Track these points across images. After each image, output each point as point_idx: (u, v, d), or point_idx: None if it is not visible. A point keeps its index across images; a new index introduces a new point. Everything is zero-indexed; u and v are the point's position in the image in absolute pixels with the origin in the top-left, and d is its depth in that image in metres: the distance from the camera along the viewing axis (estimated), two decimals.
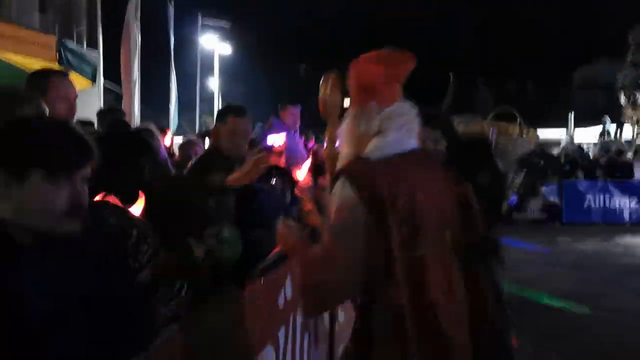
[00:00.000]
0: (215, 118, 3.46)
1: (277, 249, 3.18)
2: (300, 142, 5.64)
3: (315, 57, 46.88)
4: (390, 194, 1.82)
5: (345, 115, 2.13)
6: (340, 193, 1.87)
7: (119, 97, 24.81)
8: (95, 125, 4.78)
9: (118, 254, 1.76)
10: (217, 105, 26.23)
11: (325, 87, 2.61)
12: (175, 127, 22.84)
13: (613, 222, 14.32)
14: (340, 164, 2.04)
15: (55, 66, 6.14)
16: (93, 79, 7.32)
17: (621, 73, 24.58)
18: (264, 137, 4.73)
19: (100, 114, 4.81)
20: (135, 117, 20.12)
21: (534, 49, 39.93)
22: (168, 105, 22.69)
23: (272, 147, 4.38)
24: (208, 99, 27.83)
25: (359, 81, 2.10)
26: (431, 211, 1.87)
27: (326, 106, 2.61)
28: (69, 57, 6.49)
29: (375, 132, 2.00)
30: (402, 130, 2.00)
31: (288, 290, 3.32)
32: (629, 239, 11.94)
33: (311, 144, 6.56)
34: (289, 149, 5.09)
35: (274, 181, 3.69)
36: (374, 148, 1.98)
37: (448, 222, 1.93)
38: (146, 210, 2.19)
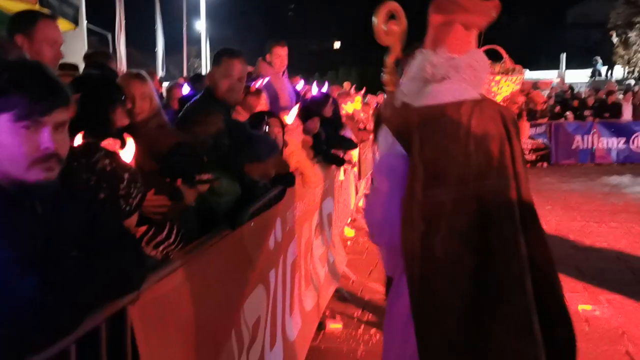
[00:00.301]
0: (211, 61, 3.41)
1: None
2: (288, 84, 5.58)
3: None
4: (420, 143, 1.95)
5: (416, 54, 2.17)
6: (383, 139, 2.08)
7: (104, 39, 24.30)
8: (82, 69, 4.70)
9: (109, 196, 1.77)
10: (205, 48, 25.74)
11: (383, 17, 2.42)
12: (164, 71, 22.52)
13: (601, 163, 14.50)
14: (397, 103, 2.12)
15: (37, 8, 5.96)
16: (75, 21, 7.12)
17: (614, 11, 24.23)
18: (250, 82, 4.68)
19: (86, 57, 4.70)
20: (122, 60, 19.80)
21: None
22: (154, 49, 22.29)
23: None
24: (195, 41, 27.30)
25: (437, 21, 2.10)
26: (460, 163, 1.95)
27: (384, 36, 2.45)
28: None
29: (439, 79, 2.05)
30: (462, 81, 2.05)
31: (278, 233, 3.39)
32: (616, 179, 12.09)
33: (298, 86, 6.49)
34: (276, 91, 5.06)
35: (266, 128, 3.68)
36: (429, 93, 2.05)
37: (477, 175, 1.95)
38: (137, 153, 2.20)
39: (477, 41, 2.16)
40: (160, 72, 22.10)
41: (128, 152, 2.00)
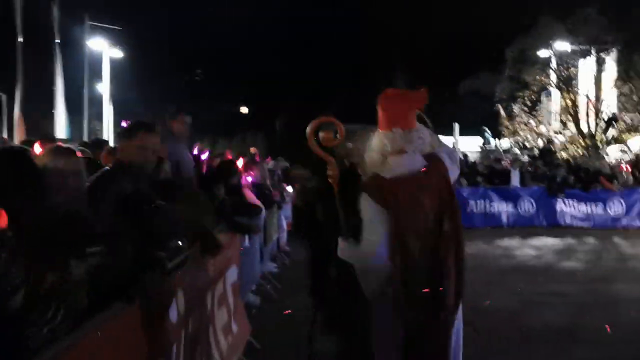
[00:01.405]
0: (122, 133, 3.40)
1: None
2: (187, 152, 5.57)
3: (210, 63, 46.17)
4: (395, 203, 2.73)
5: (372, 136, 2.93)
6: (363, 204, 2.75)
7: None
8: None
9: None
10: (107, 110, 25.17)
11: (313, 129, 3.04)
12: (68, 133, 21.66)
13: (493, 226, 15.40)
14: (364, 174, 2.95)
15: None
16: None
17: (499, 86, 26.47)
18: None
19: None
20: (15, 121, 18.87)
21: (423, 60, 41.91)
22: (52, 110, 21.46)
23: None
24: (97, 103, 26.63)
25: (388, 110, 2.89)
26: (421, 218, 2.80)
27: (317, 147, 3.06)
28: None
29: (397, 151, 2.81)
30: (417, 150, 2.84)
31: (180, 304, 3.31)
32: (507, 242, 12.87)
33: (202, 154, 6.48)
34: (177, 161, 5.04)
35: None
36: (391, 166, 2.80)
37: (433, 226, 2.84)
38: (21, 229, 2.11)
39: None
40: (60, 134, 21.26)
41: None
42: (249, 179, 7.82)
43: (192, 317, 3.63)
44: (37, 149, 4.19)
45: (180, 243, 3.29)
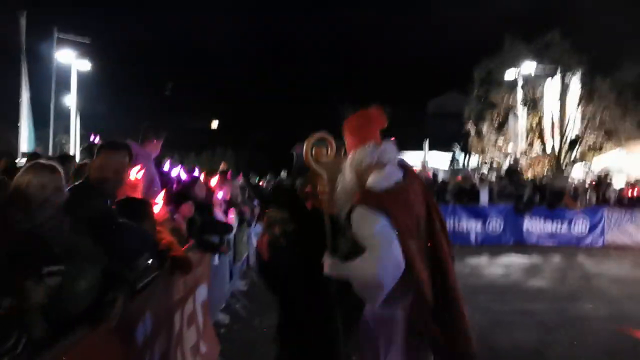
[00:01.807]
0: (88, 149, 3.35)
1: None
2: (154, 168, 5.48)
3: (180, 76, 45.95)
4: (393, 213, 2.72)
5: (346, 155, 2.99)
6: (363, 218, 2.70)
7: None
8: None
9: None
10: (74, 123, 24.74)
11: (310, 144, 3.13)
12: (33, 146, 21.17)
13: (462, 244, 15.52)
14: (343, 193, 2.92)
15: None
16: None
17: (468, 106, 26.96)
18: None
19: None
20: None
21: (394, 79, 42.52)
22: (17, 123, 20.99)
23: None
24: (64, 117, 26.16)
25: (357, 131, 3.01)
26: (414, 224, 2.85)
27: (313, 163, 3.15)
28: None
29: (376, 165, 2.87)
30: (393, 162, 2.94)
31: (148, 325, 3.22)
32: (475, 260, 12.98)
33: (172, 171, 6.38)
34: (148, 180, 4.95)
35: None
36: (377, 179, 2.83)
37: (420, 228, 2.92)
38: None
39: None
40: (24, 148, 20.77)
41: None
42: (220, 195, 7.74)
43: (159, 339, 3.54)
44: None
45: (149, 262, 3.21)
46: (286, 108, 43.19)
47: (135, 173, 4.06)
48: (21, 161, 8.98)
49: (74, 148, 24.39)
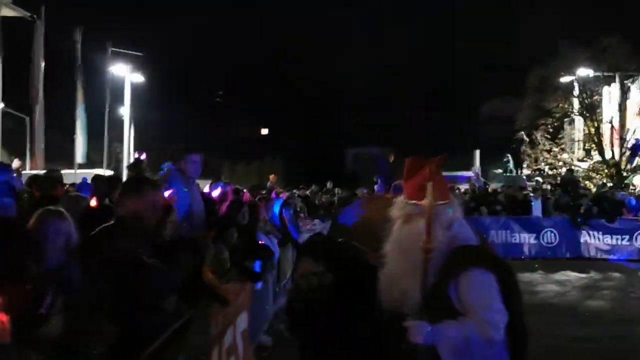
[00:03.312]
0: (136, 168, 3.28)
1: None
2: (198, 193, 5.41)
3: (230, 85, 46.57)
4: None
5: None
6: (486, 283, 2.53)
7: (22, 122, 23.54)
8: None
9: None
10: (128, 133, 25.41)
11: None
12: (84, 156, 21.87)
13: (514, 257, 14.98)
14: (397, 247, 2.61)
15: None
16: None
17: (521, 113, 26.18)
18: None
19: None
20: (40, 144, 19.06)
21: (442, 83, 41.86)
22: (73, 134, 21.73)
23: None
24: (119, 126, 26.94)
25: (438, 179, 2.66)
26: None
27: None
28: None
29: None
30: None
31: None
32: (528, 276, 12.45)
33: (214, 192, 6.32)
34: (188, 204, 4.89)
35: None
36: (467, 233, 2.70)
37: None
38: None
39: None
40: (79, 159, 21.50)
41: None
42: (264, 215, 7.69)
43: None
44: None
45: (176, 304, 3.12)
46: (334, 115, 43.17)
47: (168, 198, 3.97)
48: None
49: (127, 156, 25.04)
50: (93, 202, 4.69)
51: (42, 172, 8.78)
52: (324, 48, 43.68)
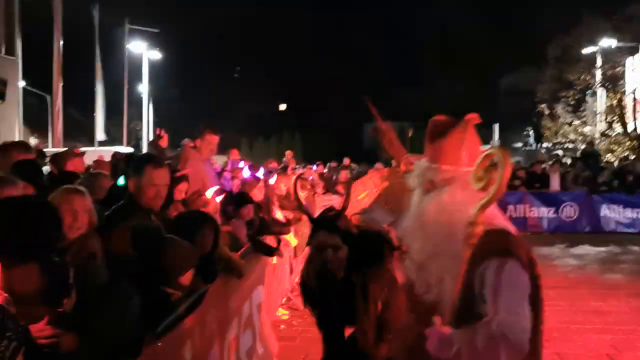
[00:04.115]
0: (131, 169, 3.35)
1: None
2: (212, 170, 5.51)
3: (248, 59, 46.45)
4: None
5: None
6: (518, 277, 2.00)
7: (43, 100, 23.85)
8: None
9: None
10: (147, 110, 25.61)
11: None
12: (104, 133, 22.13)
13: (533, 232, 14.92)
14: (417, 220, 2.19)
15: None
16: (1, 96, 6.93)
17: (542, 86, 25.74)
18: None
19: (15, 167, 4.45)
20: (60, 121, 19.32)
21: (460, 57, 41.31)
22: (93, 112, 22.00)
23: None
24: (137, 104, 27.18)
25: (467, 143, 2.26)
26: None
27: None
28: None
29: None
30: None
31: (197, 341, 3.24)
32: (547, 250, 12.43)
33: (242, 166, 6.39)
34: (200, 181, 4.98)
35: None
36: (499, 217, 2.21)
37: None
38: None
39: None
40: (100, 136, 21.78)
41: None
42: (282, 187, 7.77)
43: (212, 350, 3.57)
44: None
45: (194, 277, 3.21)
46: (353, 90, 42.91)
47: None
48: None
49: (146, 133, 25.26)
50: (121, 181, 4.75)
51: (63, 149, 8.93)
52: (341, 22, 43.22)
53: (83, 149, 7.58)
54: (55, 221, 2.34)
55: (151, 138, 23.14)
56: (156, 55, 25.17)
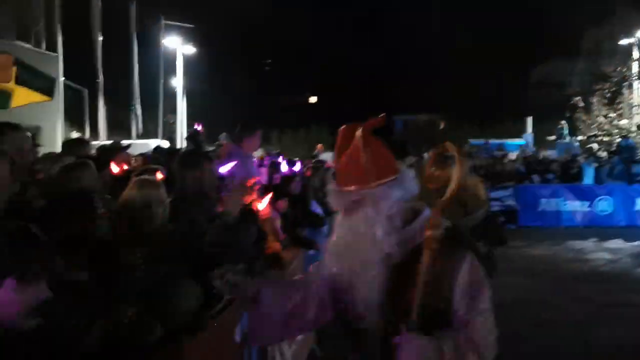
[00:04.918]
0: (194, 140, 3.61)
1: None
2: (254, 168, 5.72)
3: (280, 54, 46.60)
4: None
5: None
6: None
7: (81, 95, 24.51)
8: None
9: None
10: (181, 104, 26.08)
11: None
12: (141, 127, 22.64)
13: (566, 225, 14.84)
14: None
15: (11, 87, 6.16)
16: (50, 94, 7.26)
17: (575, 77, 25.31)
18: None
19: (66, 145, 4.71)
20: (101, 116, 19.79)
21: (492, 49, 40.73)
22: (132, 104, 22.54)
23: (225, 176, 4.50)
24: (172, 97, 27.68)
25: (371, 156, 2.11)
26: None
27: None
28: (25, 76, 6.46)
29: None
30: None
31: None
32: (580, 243, 12.34)
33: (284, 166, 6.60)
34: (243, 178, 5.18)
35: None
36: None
37: None
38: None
39: None
40: (138, 129, 22.33)
41: None
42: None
43: None
44: (114, 168, 4.49)
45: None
46: (382, 83, 42.81)
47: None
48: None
49: (181, 126, 25.72)
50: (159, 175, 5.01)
51: (108, 142, 9.29)
52: (370, 16, 43.09)
53: (126, 141, 7.90)
54: None
55: (184, 131, 23.65)
56: (190, 50, 25.61)
